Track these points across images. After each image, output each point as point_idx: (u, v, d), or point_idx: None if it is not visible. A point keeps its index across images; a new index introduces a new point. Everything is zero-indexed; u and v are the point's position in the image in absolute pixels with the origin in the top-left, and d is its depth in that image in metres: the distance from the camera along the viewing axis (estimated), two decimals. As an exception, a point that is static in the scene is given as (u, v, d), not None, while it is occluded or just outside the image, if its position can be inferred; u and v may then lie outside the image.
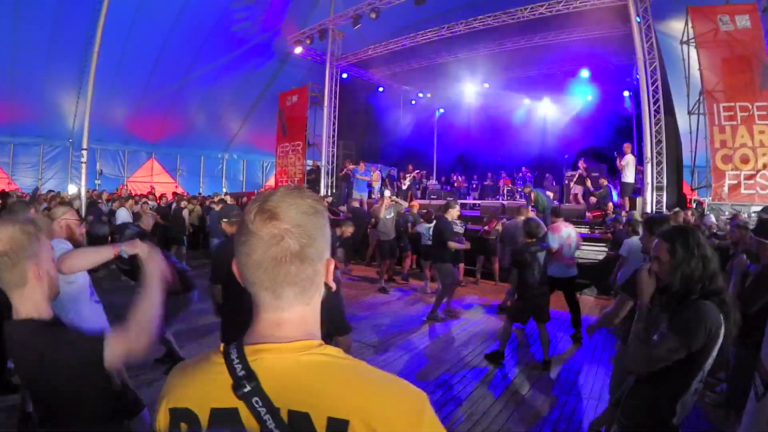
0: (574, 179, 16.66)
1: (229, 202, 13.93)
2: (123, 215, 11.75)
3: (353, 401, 0.93)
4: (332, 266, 1.09)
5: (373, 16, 16.28)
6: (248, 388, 0.95)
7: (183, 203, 14.25)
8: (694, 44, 13.19)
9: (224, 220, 5.20)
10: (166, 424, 1.05)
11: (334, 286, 1.11)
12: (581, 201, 16.02)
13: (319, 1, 19.10)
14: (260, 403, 0.95)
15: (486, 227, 11.27)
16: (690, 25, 13.31)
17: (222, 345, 1.03)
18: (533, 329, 6.87)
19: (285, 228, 0.99)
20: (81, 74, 15.76)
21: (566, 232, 8.05)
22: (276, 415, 0.94)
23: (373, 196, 17.34)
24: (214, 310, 4.53)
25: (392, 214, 11.61)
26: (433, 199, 18.20)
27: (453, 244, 8.35)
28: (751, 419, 2.30)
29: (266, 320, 1.03)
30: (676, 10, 13.91)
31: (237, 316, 3.93)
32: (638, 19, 13.34)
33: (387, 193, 13.58)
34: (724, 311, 2.30)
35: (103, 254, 2.84)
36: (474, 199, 19.94)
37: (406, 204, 13.85)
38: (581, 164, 16.12)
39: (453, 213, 8.73)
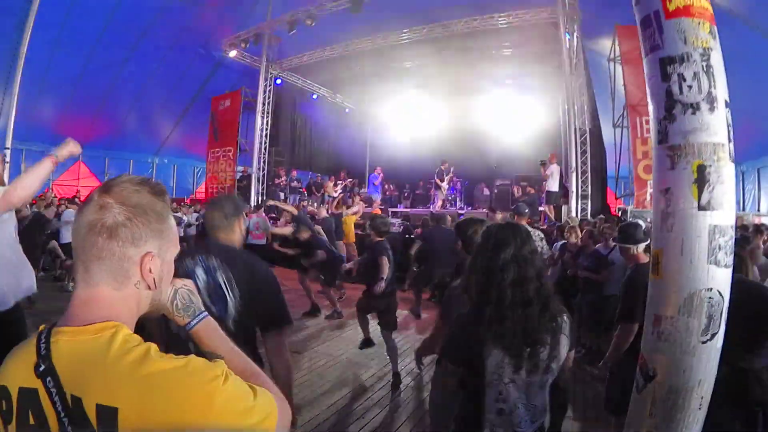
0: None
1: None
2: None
3: (123, 389, 0.91)
4: (148, 260, 1.07)
5: (310, 22, 16.15)
6: (43, 367, 0.95)
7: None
8: (620, 61, 13.64)
9: None
10: None
11: (153, 285, 1.10)
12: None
13: (257, 5, 18.87)
14: (51, 383, 0.94)
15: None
16: (617, 42, 13.76)
17: (43, 325, 1.03)
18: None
19: (108, 201, 1.02)
20: (8, 69, 14.86)
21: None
22: (63, 398, 0.93)
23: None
24: None
25: None
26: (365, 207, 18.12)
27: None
28: (633, 410, 2.28)
29: (77, 298, 1.04)
30: (606, 28, 14.32)
31: None
32: (567, 36, 13.75)
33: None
34: (497, 320, 2.08)
35: (44, 168, 3.09)
36: (405, 207, 19.92)
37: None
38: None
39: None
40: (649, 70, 2.19)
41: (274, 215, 15.52)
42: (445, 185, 17.82)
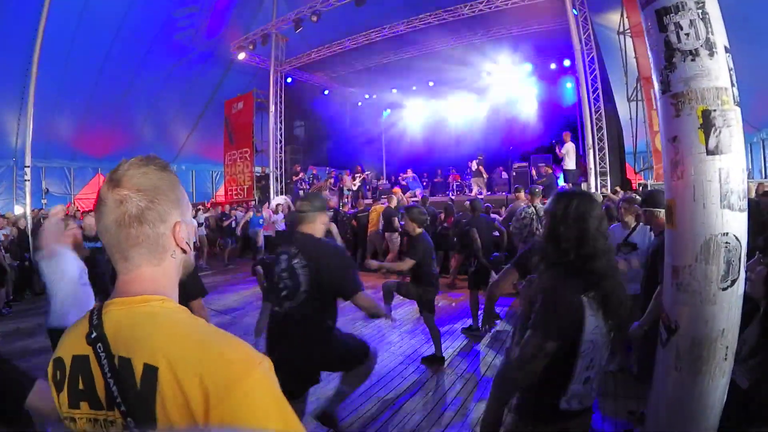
0: (473, 174, 17.82)
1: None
2: None
3: (166, 350, 0.96)
4: (179, 229, 1.14)
5: (314, 19, 16.20)
6: (94, 334, 1.03)
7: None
8: (629, 34, 13.46)
9: None
10: (51, 373, 1.12)
11: (187, 248, 1.18)
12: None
13: (262, 6, 18.94)
14: (101, 348, 1.01)
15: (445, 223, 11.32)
16: (625, 15, 13.57)
17: (96, 303, 1.18)
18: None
19: (125, 194, 1.06)
20: (22, 89, 14.92)
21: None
22: (111, 360, 1.00)
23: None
24: None
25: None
26: (384, 198, 18.14)
27: None
28: (659, 366, 2.30)
29: (121, 281, 1.11)
30: (613, 1, 14.13)
31: None
32: (575, 12, 13.59)
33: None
34: (591, 286, 2.02)
35: None
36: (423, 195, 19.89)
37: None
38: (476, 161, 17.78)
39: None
40: (647, 23, 2.25)
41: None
42: (485, 174, 17.82)
